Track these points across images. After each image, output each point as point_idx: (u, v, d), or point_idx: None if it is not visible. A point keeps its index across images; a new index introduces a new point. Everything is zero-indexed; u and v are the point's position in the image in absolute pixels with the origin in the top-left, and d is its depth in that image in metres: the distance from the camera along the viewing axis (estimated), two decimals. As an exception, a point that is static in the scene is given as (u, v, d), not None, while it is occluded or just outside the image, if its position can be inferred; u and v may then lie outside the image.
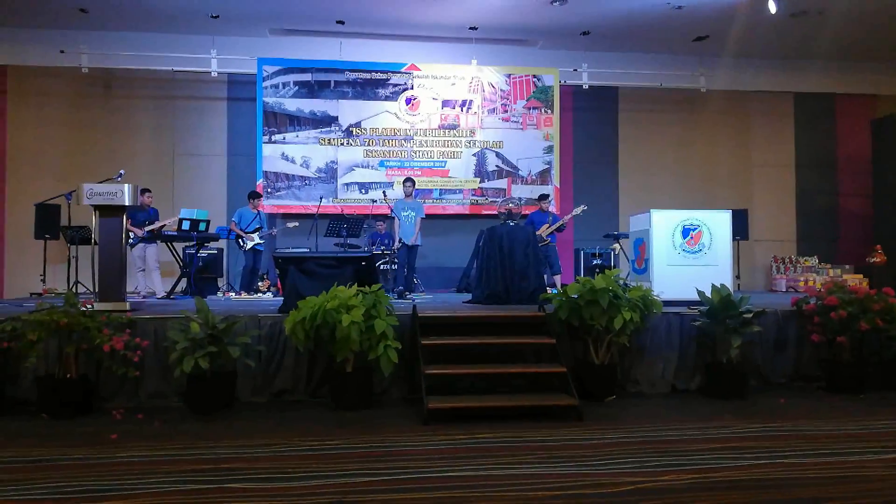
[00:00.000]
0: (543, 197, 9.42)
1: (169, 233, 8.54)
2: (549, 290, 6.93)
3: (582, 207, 8.86)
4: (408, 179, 8.97)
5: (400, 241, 8.63)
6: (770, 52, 11.32)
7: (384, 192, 9.34)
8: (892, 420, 4.71)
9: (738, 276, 10.19)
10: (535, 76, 11.20)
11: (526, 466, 3.64)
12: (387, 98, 10.89)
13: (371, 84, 10.87)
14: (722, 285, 5.66)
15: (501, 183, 11.11)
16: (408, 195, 8.80)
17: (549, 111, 11.21)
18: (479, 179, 11.06)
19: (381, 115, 10.88)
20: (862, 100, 12.20)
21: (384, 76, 10.88)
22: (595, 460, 3.75)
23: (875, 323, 5.51)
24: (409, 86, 10.93)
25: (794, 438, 4.21)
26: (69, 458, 3.80)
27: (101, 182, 6.06)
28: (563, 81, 11.27)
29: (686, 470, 3.56)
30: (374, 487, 3.31)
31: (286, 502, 3.12)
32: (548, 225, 8.89)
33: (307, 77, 10.74)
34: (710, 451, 3.91)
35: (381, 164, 10.87)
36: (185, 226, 8.42)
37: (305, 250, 8.81)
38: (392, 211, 8.71)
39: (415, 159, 10.92)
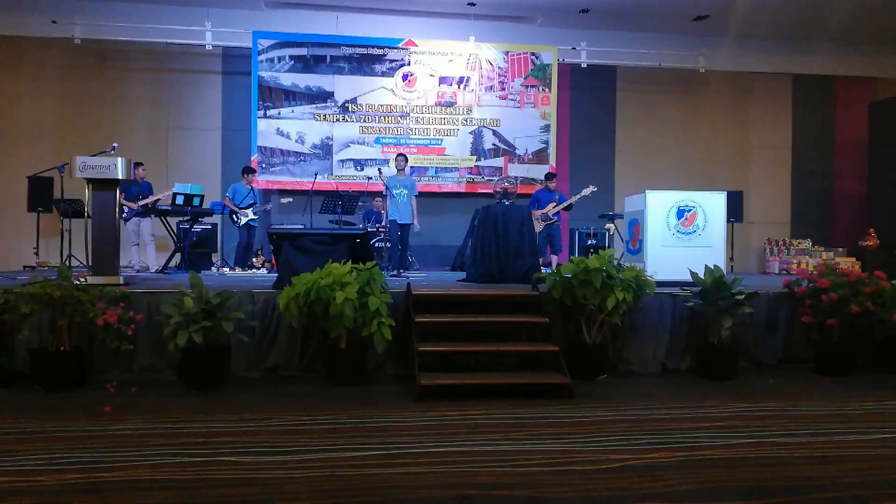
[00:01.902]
0: (550, 176, 9.39)
1: (163, 207, 8.50)
2: (543, 270, 6.95)
3: (591, 188, 8.80)
4: (400, 155, 8.82)
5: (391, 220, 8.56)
6: (770, 33, 11.22)
7: (379, 170, 9.29)
8: (880, 401, 4.77)
9: (731, 258, 10.23)
10: (533, 54, 11.10)
11: (517, 443, 3.68)
12: (383, 74, 10.78)
13: (367, 59, 10.75)
14: (715, 267, 5.68)
15: (498, 161, 11.06)
16: (400, 170, 8.68)
17: (547, 90, 11.13)
18: (475, 158, 11.01)
19: (378, 91, 10.79)
20: (861, 83, 12.14)
21: (381, 52, 10.77)
22: (585, 438, 3.79)
23: (865, 306, 5.55)
24: (406, 62, 10.82)
25: (782, 419, 4.26)
26: (63, 431, 3.83)
27: (94, 155, 6.01)
28: (561, 60, 11.17)
29: (675, 448, 3.61)
30: (366, 462, 3.35)
31: (279, 476, 3.15)
32: (554, 203, 8.87)
33: (303, 51, 10.61)
34: (699, 431, 3.95)
35: (377, 140, 10.80)
36: (180, 200, 8.38)
37: (300, 226, 8.80)
38: (386, 188, 8.64)
39: (411, 136, 10.85)
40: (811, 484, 3.13)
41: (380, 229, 9.37)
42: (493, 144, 11.05)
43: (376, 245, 9.19)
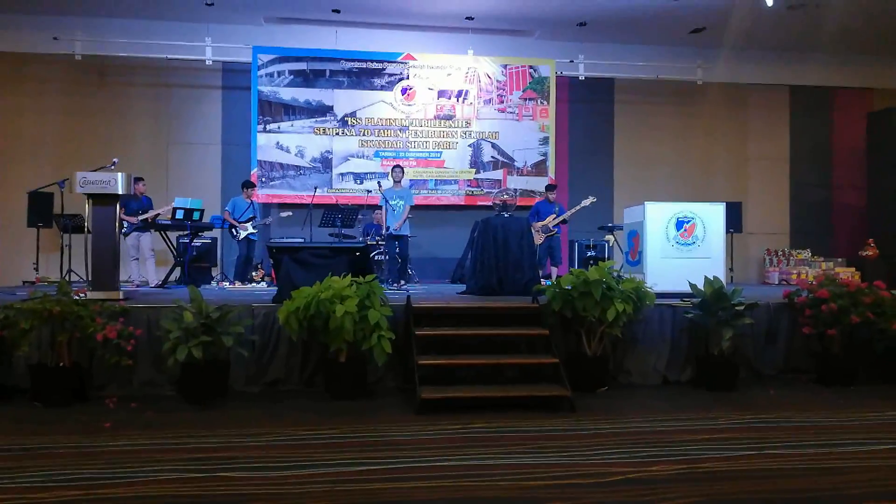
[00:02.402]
0: (550, 188, 9.42)
1: (163, 221, 8.51)
2: (542, 282, 6.96)
3: (591, 199, 8.83)
4: (396, 167, 8.89)
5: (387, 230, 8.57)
6: (767, 44, 11.30)
7: (379, 183, 9.30)
8: (881, 412, 4.76)
9: (731, 269, 10.23)
10: (531, 67, 11.17)
11: (518, 456, 3.67)
12: (382, 88, 10.84)
13: (367, 73, 10.82)
14: (714, 278, 5.68)
15: (497, 174, 11.10)
16: (397, 182, 8.72)
17: (545, 102, 11.18)
18: (474, 170, 11.04)
19: (377, 104, 10.84)
20: (858, 93, 12.19)
21: (380, 65, 10.83)
22: (586, 451, 3.78)
23: (866, 316, 5.54)
24: (405, 75, 10.88)
25: (783, 430, 4.25)
26: (62, 446, 3.81)
27: (94, 170, 6.03)
28: (559, 72, 11.24)
29: (676, 461, 3.59)
30: (367, 477, 3.33)
31: (279, 491, 3.14)
32: (554, 215, 8.90)
33: (302, 66, 10.68)
34: (701, 442, 3.94)
35: (377, 154, 10.83)
36: (179, 215, 8.39)
37: (300, 240, 8.79)
38: (383, 199, 8.65)
39: (410, 150, 10.89)
40: (812, 496, 3.12)
41: (379, 242, 9.38)
42: (492, 157, 11.09)
43: (376, 258, 9.19)
